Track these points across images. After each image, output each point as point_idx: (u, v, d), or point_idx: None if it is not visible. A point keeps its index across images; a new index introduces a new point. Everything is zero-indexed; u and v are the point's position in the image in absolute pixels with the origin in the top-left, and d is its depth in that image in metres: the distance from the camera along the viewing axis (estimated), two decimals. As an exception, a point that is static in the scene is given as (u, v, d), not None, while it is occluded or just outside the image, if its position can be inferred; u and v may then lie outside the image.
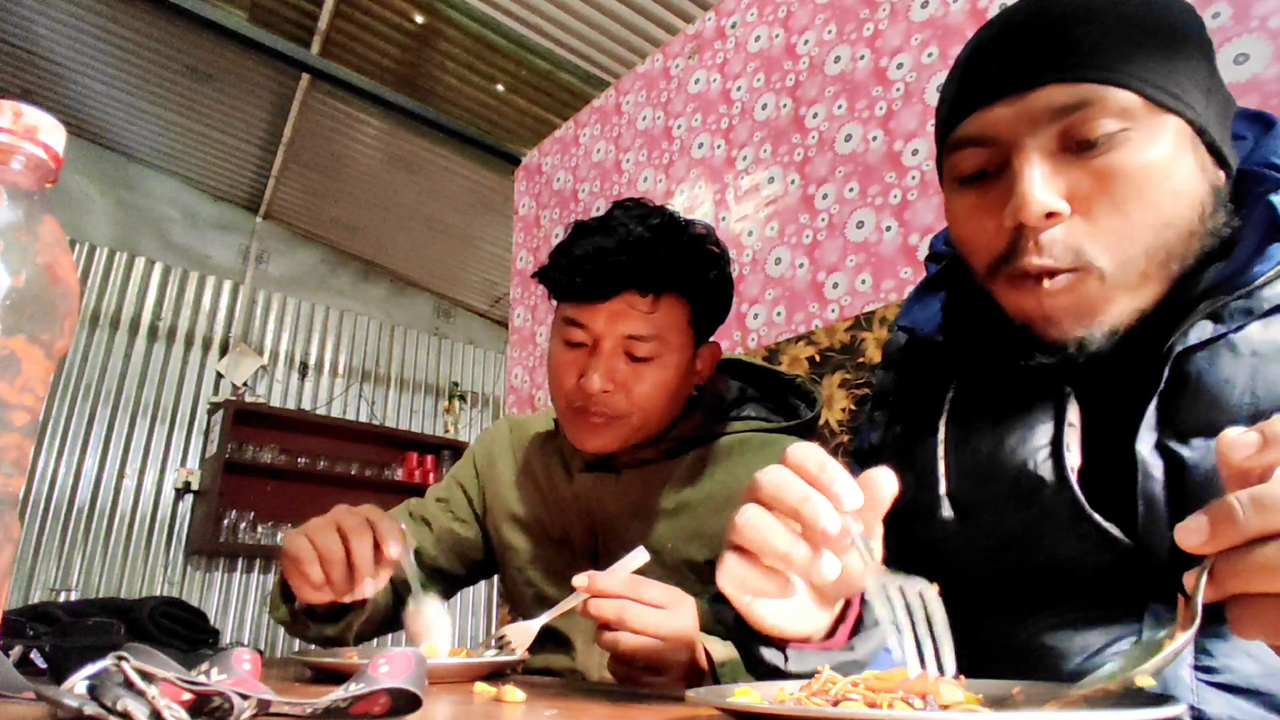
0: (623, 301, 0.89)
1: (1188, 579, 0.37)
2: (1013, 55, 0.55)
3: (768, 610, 0.50)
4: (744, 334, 1.81)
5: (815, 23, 1.83)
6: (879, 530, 0.51)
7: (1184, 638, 0.37)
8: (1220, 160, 0.56)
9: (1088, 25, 0.53)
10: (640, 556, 0.75)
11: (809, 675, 0.46)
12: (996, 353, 0.63)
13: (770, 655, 0.53)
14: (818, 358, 1.62)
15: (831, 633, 0.56)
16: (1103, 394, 0.59)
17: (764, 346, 1.75)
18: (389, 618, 1.07)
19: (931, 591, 0.45)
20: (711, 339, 1.01)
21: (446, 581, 1.14)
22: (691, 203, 2.06)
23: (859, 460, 0.78)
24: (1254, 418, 0.50)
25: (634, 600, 0.68)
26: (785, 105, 1.85)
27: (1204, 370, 0.53)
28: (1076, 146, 0.53)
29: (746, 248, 1.87)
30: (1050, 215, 0.53)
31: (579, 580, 0.70)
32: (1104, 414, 0.59)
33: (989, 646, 0.58)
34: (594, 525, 1.01)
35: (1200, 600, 0.36)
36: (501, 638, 0.79)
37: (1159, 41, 0.53)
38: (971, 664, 0.46)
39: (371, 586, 0.77)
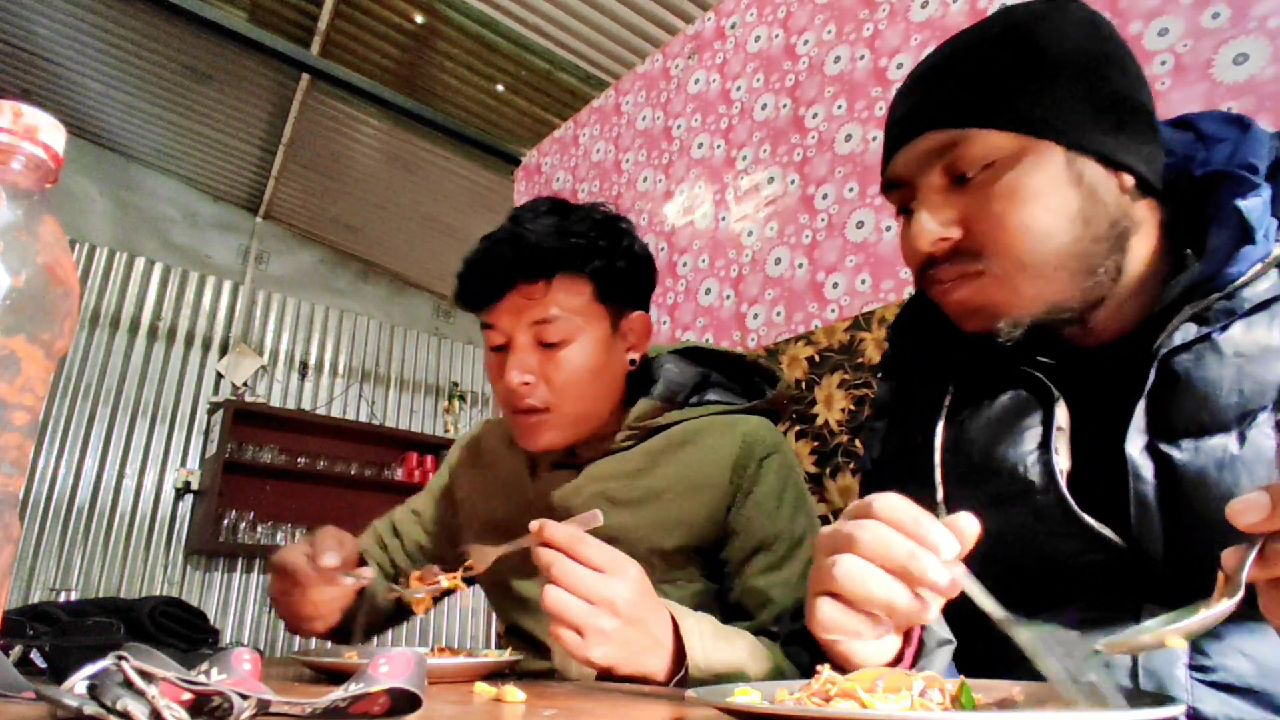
0: (517, 294, 0.92)
1: (1231, 555, 0.37)
2: (905, 110, 0.65)
3: (857, 649, 0.51)
4: (744, 334, 1.81)
5: (815, 23, 1.83)
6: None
7: (1226, 604, 0.37)
8: (1115, 164, 0.60)
9: (956, 76, 0.62)
10: (595, 518, 0.75)
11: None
12: (985, 355, 0.65)
13: None
14: (817, 358, 1.62)
15: (899, 659, 0.56)
16: (1091, 397, 0.61)
17: (763, 346, 1.75)
18: (391, 615, 1.14)
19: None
20: (640, 310, 1.01)
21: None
22: (691, 203, 2.06)
23: (865, 481, 0.79)
24: (1241, 417, 0.52)
25: (571, 556, 0.67)
26: (785, 105, 1.85)
27: (1190, 371, 0.55)
28: (957, 179, 0.62)
29: (746, 248, 1.87)
30: (942, 240, 0.62)
31: (533, 524, 0.70)
32: (1092, 416, 0.60)
33: (991, 647, 0.58)
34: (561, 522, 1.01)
35: (1244, 577, 0.36)
36: (463, 554, 0.82)
37: (1026, 78, 0.60)
38: (974, 664, 0.46)
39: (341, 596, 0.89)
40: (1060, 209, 0.59)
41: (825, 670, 0.45)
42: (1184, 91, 1.18)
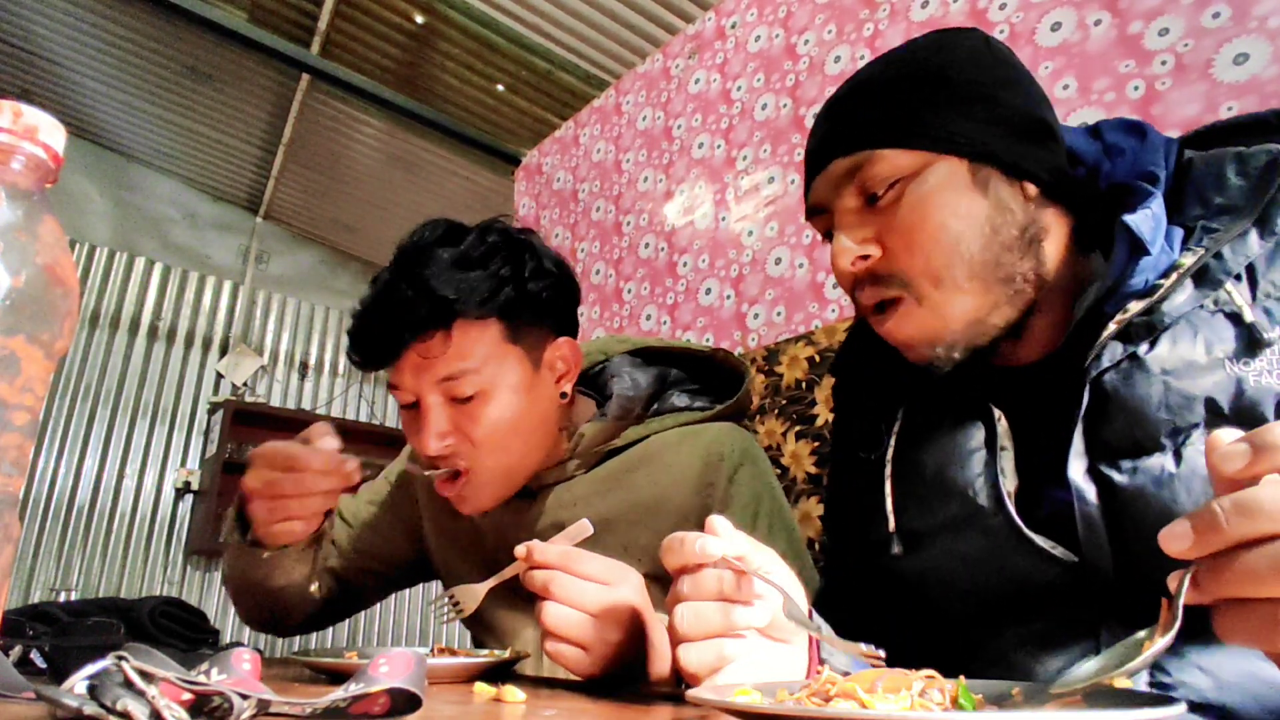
0: (414, 352, 0.82)
1: (1171, 581, 0.37)
2: (816, 139, 0.69)
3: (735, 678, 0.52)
4: (744, 334, 1.81)
5: (815, 23, 1.83)
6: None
7: (1163, 640, 0.37)
8: (1019, 172, 0.62)
9: (860, 104, 0.65)
10: (584, 529, 0.73)
11: None
12: (930, 378, 0.67)
13: None
14: (817, 358, 1.62)
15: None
16: (1030, 415, 0.63)
17: (764, 346, 1.75)
18: (320, 611, 1.05)
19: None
20: (563, 336, 0.91)
21: (372, 580, 1.10)
22: (691, 203, 2.06)
23: (826, 508, 0.81)
24: (1174, 432, 0.54)
25: (568, 572, 0.64)
26: (785, 105, 1.85)
27: (1119, 389, 0.56)
28: (870, 200, 0.64)
29: (746, 248, 1.87)
30: (862, 258, 0.64)
31: (519, 550, 0.67)
32: (1034, 434, 0.62)
33: (956, 665, 0.59)
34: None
35: (1181, 604, 0.36)
36: (450, 596, 0.79)
37: (922, 98, 0.62)
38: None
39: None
40: (968, 216, 0.61)
41: (825, 670, 0.45)
42: (1184, 91, 1.18)
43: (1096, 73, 1.28)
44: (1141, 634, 0.39)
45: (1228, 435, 0.37)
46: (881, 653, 0.46)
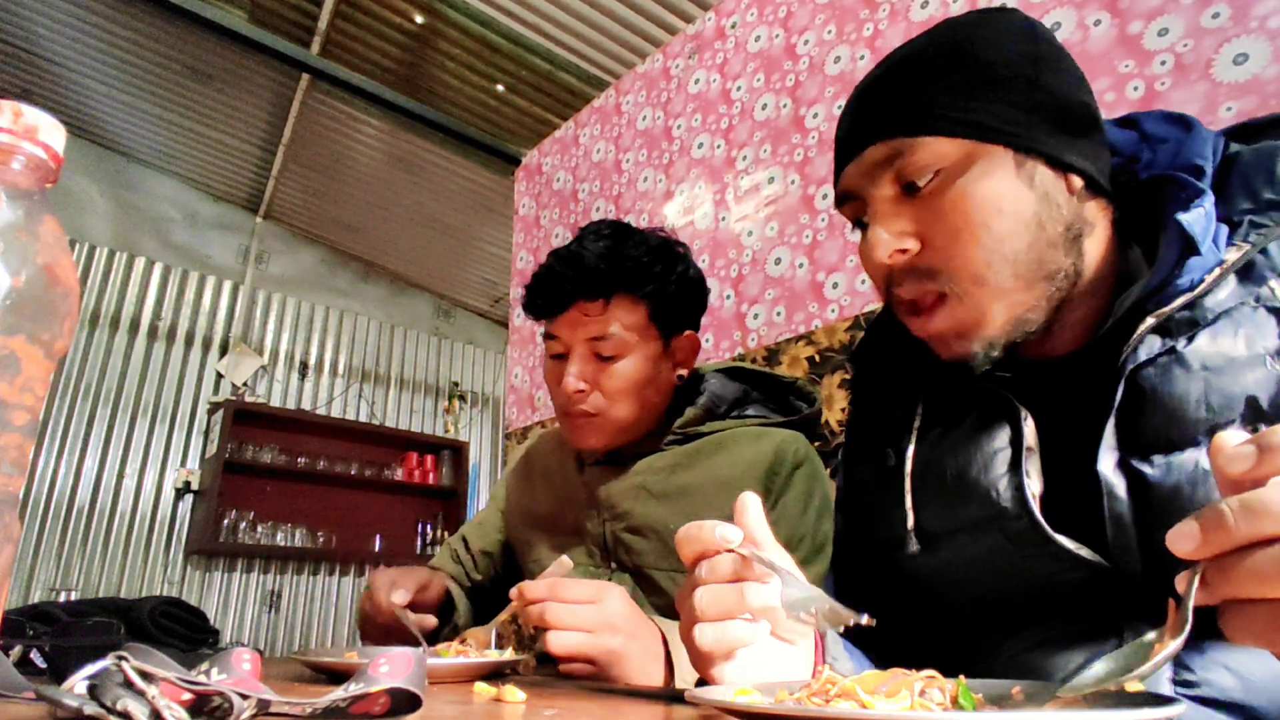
0: (577, 310, 1.00)
1: (1180, 582, 0.37)
2: (850, 124, 0.65)
3: (736, 674, 0.53)
4: (744, 334, 1.81)
5: (815, 23, 1.83)
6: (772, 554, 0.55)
7: (1174, 644, 0.37)
8: (1063, 165, 0.59)
9: (897, 87, 0.62)
10: (564, 564, 0.83)
11: None
12: (952, 373, 0.65)
13: None
14: (818, 358, 1.62)
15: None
16: (1058, 413, 0.61)
17: (764, 346, 1.75)
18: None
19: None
20: (689, 330, 1.09)
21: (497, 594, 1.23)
22: (691, 203, 2.06)
23: (839, 504, 0.80)
24: (1211, 430, 0.52)
25: (556, 600, 0.72)
26: (785, 105, 1.85)
27: (1157, 385, 0.54)
28: (908, 189, 0.61)
29: (746, 248, 1.87)
30: (900, 251, 0.61)
31: (512, 592, 0.75)
32: (1061, 433, 0.60)
33: (972, 667, 0.58)
34: (601, 511, 1.07)
35: (1191, 605, 0.36)
36: (464, 640, 0.85)
37: (964, 82, 0.59)
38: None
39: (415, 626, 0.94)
40: (1015, 213, 0.58)
41: (825, 670, 0.44)
42: (1184, 91, 1.18)
43: (1096, 73, 1.28)
44: (1151, 636, 0.39)
45: (1234, 437, 0.37)
46: (867, 618, 0.47)
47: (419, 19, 3.16)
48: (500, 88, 3.44)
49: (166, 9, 2.54)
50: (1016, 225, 0.58)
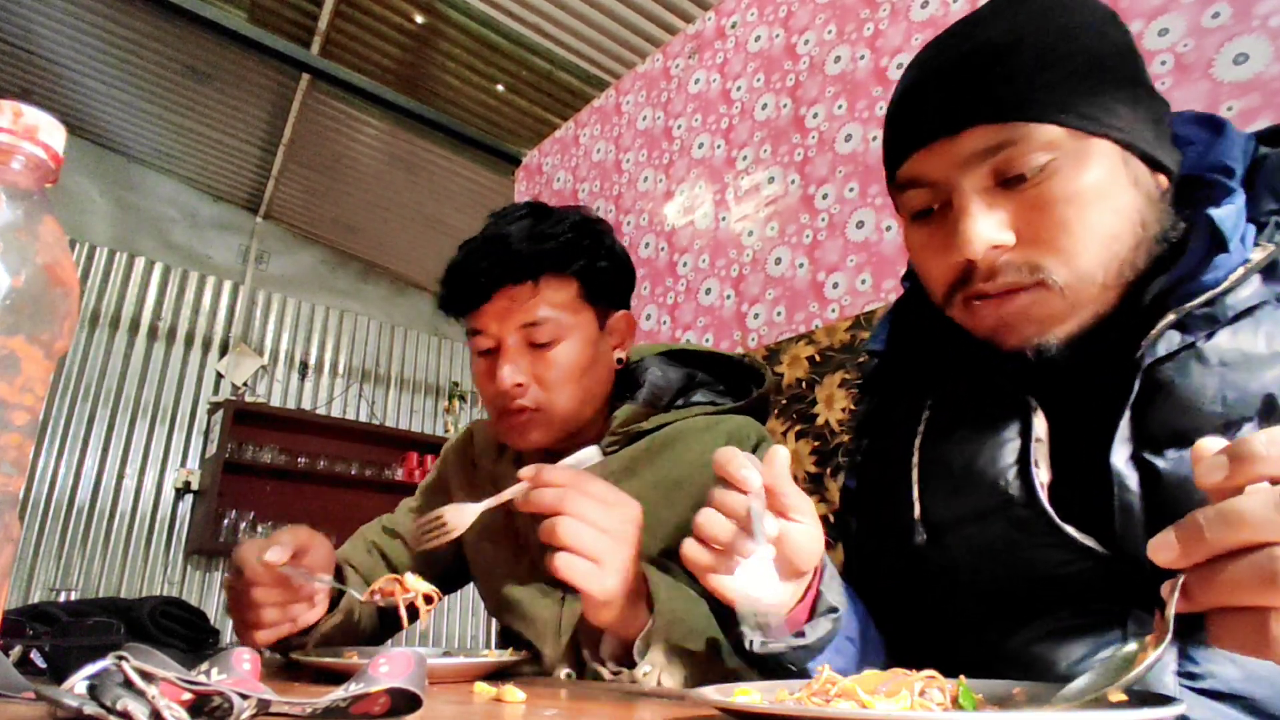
0: (504, 297, 0.92)
1: (1164, 590, 0.37)
2: (941, 100, 0.58)
3: (724, 582, 0.56)
4: (744, 334, 1.81)
5: (815, 23, 1.83)
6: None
7: (1156, 653, 0.37)
8: (1156, 164, 0.58)
9: (1007, 65, 0.56)
10: (592, 455, 0.76)
11: (774, 655, 0.57)
12: (961, 368, 0.65)
13: (748, 632, 0.58)
14: (818, 357, 1.62)
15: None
16: (1069, 405, 0.60)
17: (764, 346, 1.75)
18: (375, 636, 1.09)
19: None
20: (624, 309, 1.02)
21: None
22: (692, 203, 2.06)
23: (846, 498, 0.79)
24: (1226, 426, 0.51)
25: (577, 490, 0.67)
26: (785, 105, 1.85)
27: (1174, 380, 0.54)
28: (1010, 181, 0.56)
29: (746, 248, 1.87)
30: (996, 248, 0.57)
31: (525, 471, 0.70)
32: (1071, 425, 0.60)
33: (980, 657, 0.58)
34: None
35: (1173, 613, 0.36)
36: (438, 518, 0.78)
37: (1077, 69, 0.56)
38: (965, 675, 0.47)
39: (313, 613, 0.84)
40: (1124, 212, 0.55)
41: (825, 670, 0.45)
42: (1185, 91, 1.18)
43: (1097, 72, 1.28)
44: (1133, 646, 0.39)
45: (1212, 445, 0.37)
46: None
47: (419, 19, 3.16)
48: (500, 88, 3.44)
49: (166, 8, 2.54)
50: (1125, 225, 0.56)
